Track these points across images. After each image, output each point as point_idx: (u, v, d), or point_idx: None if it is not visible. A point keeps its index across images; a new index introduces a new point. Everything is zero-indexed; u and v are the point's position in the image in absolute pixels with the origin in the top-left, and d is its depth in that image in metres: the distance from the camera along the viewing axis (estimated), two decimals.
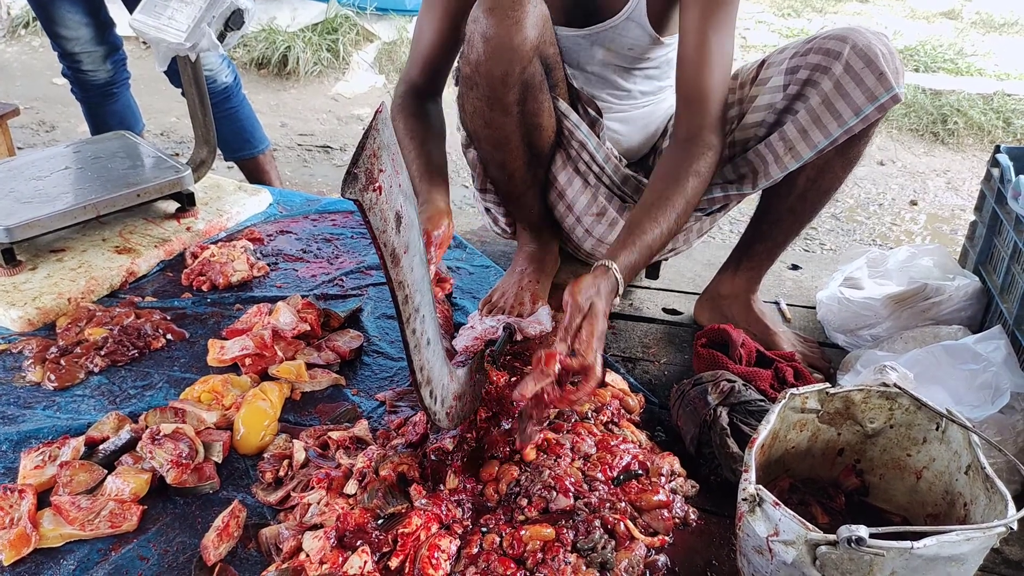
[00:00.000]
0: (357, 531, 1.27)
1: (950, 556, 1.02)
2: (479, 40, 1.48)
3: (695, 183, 1.53)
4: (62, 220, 2.09)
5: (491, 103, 1.57)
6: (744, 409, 1.48)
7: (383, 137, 1.01)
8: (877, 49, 1.48)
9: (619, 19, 1.63)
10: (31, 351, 1.79)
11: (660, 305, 2.09)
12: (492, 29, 1.46)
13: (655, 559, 1.29)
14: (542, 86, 1.62)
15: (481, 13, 1.47)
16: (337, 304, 2.01)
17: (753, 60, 1.74)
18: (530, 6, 1.48)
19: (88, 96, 2.78)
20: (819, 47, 1.54)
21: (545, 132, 1.70)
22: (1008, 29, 6.37)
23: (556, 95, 1.69)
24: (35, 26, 5.44)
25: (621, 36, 1.66)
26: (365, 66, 5.16)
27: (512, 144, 1.67)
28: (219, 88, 2.74)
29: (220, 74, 2.72)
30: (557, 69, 1.67)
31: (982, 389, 1.50)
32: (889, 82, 1.49)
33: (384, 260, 1.05)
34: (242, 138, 2.90)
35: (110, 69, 2.74)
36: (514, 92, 1.56)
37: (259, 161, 2.97)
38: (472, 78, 1.54)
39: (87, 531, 1.33)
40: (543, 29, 1.53)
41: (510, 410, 1.46)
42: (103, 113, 2.82)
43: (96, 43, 2.65)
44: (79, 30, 2.59)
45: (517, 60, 1.50)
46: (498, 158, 1.71)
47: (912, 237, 3.48)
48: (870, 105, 1.50)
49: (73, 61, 2.66)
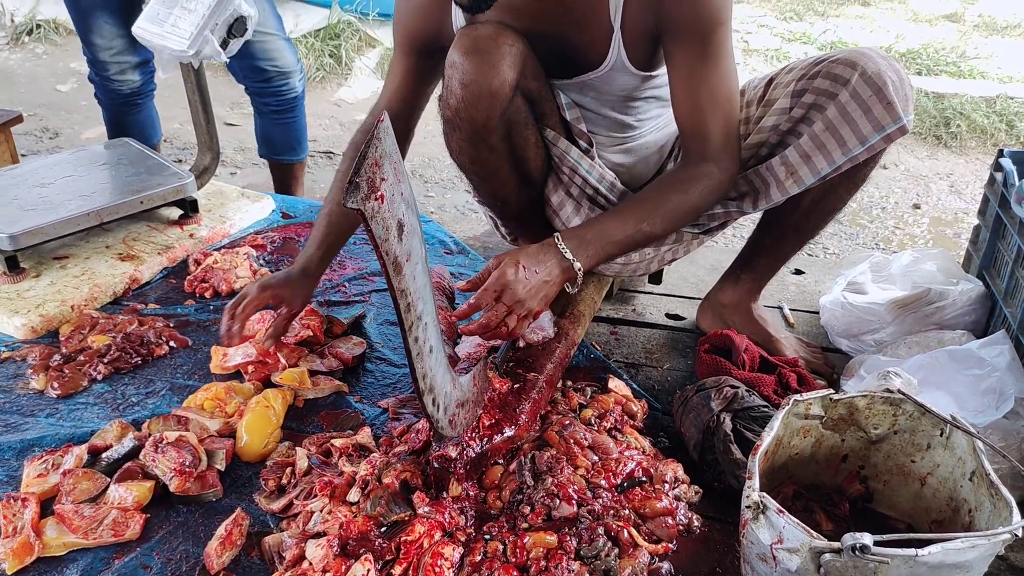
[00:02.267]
0: (360, 539, 1.27)
1: (955, 563, 1.01)
2: (458, 86, 1.47)
3: (678, 198, 1.52)
4: (65, 227, 2.09)
5: (475, 144, 1.55)
6: (747, 415, 1.47)
7: (385, 146, 1.01)
8: (887, 76, 1.45)
9: (603, 69, 1.58)
10: (34, 359, 1.79)
11: (663, 311, 2.09)
12: (470, 75, 1.45)
13: (659, 566, 1.28)
14: (527, 121, 1.60)
15: (458, 57, 1.45)
16: (340, 310, 2.01)
17: (762, 76, 1.72)
18: (506, 46, 1.45)
19: (112, 103, 2.79)
20: (827, 71, 1.51)
21: (533, 162, 1.68)
22: (1011, 32, 6.35)
23: (545, 124, 1.65)
24: (39, 33, 5.45)
25: (609, 83, 1.62)
26: (368, 72, 5.16)
27: (501, 176, 1.66)
28: (291, 95, 2.75)
29: (295, 78, 2.73)
30: (544, 101, 1.63)
31: (986, 394, 1.50)
32: (897, 112, 1.46)
33: (386, 268, 1.05)
34: (290, 145, 2.91)
35: (137, 80, 2.74)
36: (497, 133, 1.54)
37: (295, 168, 2.98)
38: (454, 121, 1.53)
39: (90, 540, 1.33)
40: (523, 66, 1.50)
41: (513, 417, 1.46)
42: (124, 122, 2.83)
43: (128, 54, 2.66)
44: (113, 40, 2.60)
45: (498, 103, 1.48)
46: (489, 188, 1.71)
47: (915, 241, 3.47)
48: (876, 135, 1.48)
49: (102, 69, 2.67)
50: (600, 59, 1.57)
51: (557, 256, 1.43)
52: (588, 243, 1.46)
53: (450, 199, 3.69)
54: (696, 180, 1.53)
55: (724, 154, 1.54)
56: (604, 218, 1.54)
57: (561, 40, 1.55)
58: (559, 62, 1.60)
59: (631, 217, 1.51)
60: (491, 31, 1.46)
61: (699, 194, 1.53)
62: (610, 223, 1.50)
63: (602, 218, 1.54)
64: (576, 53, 1.58)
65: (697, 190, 1.53)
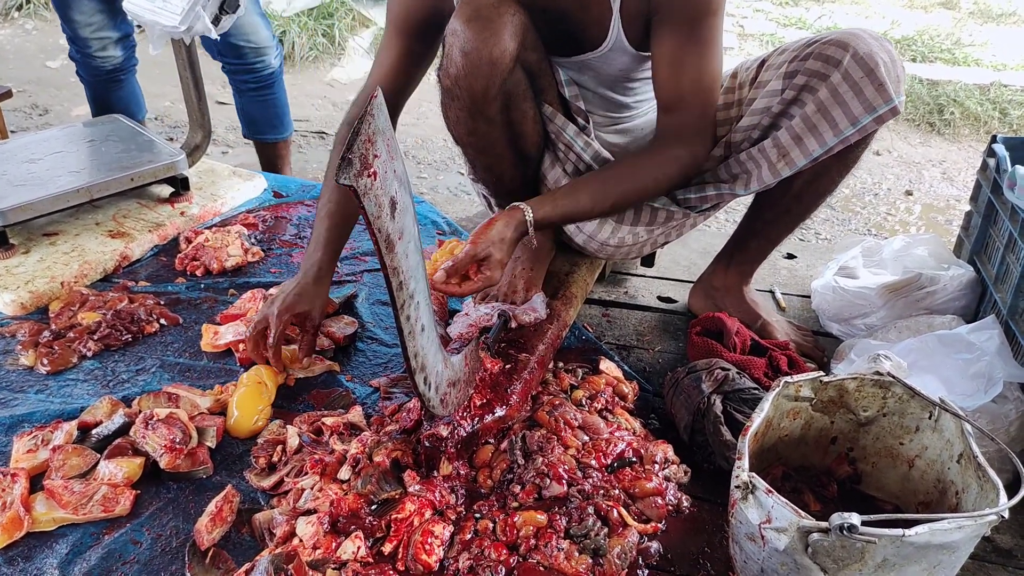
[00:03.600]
0: (351, 516, 1.27)
1: (941, 544, 1.02)
2: (458, 54, 1.45)
3: (644, 180, 1.59)
4: (55, 203, 2.08)
5: (473, 115, 1.54)
6: (738, 397, 1.48)
7: (378, 123, 1.01)
8: (879, 57, 1.45)
9: (602, 50, 1.58)
10: (24, 335, 1.78)
11: (655, 293, 2.09)
12: (471, 43, 1.43)
13: (648, 546, 1.29)
14: (526, 94, 1.59)
15: (459, 25, 1.44)
16: (332, 290, 2.00)
17: (754, 58, 1.71)
18: (508, 15, 1.44)
19: (94, 80, 2.76)
20: (819, 53, 1.50)
21: (530, 138, 1.68)
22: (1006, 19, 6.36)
23: (543, 100, 1.65)
24: (28, 8, 5.40)
25: (608, 64, 1.62)
26: (361, 51, 5.13)
27: (498, 150, 1.65)
28: (267, 71, 2.73)
29: (270, 55, 2.70)
30: (543, 75, 1.63)
31: (975, 378, 1.50)
32: (888, 94, 1.45)
33: (379, 246, 1.04)
34: (272, 123, 2.89)
35: (119, 56, 2.71)
36: (496, 103, 1.53)
37: (279, 147, 2.97)
38: (452, 91, 1.51)
39: (80, 515, 1.33)
40: (524, 37, 1.49)
41: (504, 397, 1.46)
42: (107, 98, 2.80)
43: (108, 29, 2.63)
44: (93, 16, 2.57)
45: (498, 73, 1.47)
46: (484, 162, 1.70)
47: (907, 227, 3.48)
48: (868, 116, 1.48)
49: (83, 45, 2.63)
50: (600, 39, 1.57)
51: (520, 219, 1.49)
52: (547, 218, 1.52)
53: (443, 180, 3.68)
54: (664, 164, 1.60)
55: (697, 138, 1.60)
56: (571, 194, 1.58)
57: (563, 17, 1.55)
58: (559, 40, 1.59)
59: (598, 197, 1.57)
60: (493, 0, 1.45)
61: (665, 177, 1.61)
62: (573, 198, 1.56)
63: (569, 194, 1.58)
64: (577, 32, 1.57)
65: (663, 173, 1.61)
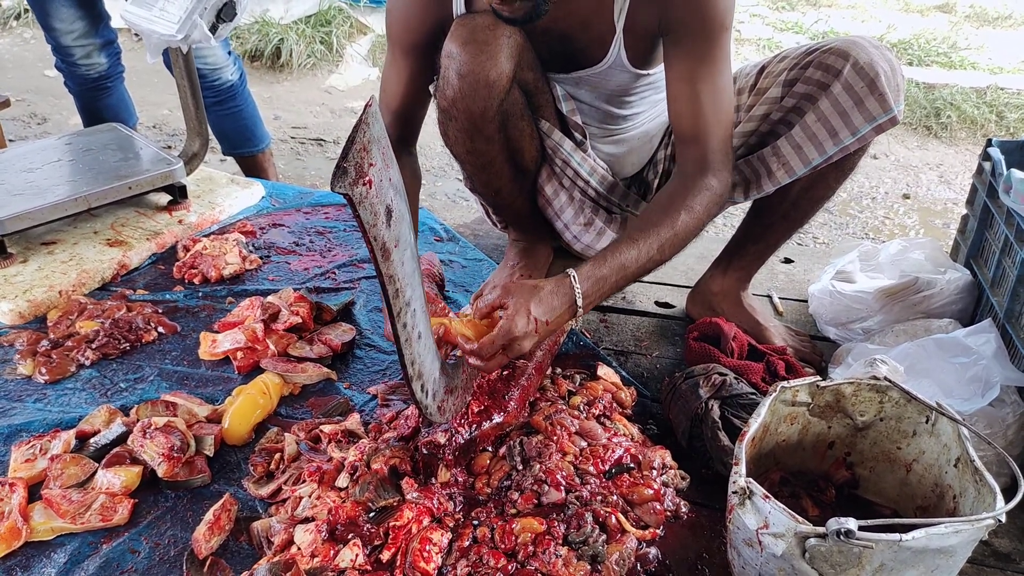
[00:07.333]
0: (349, 524, 1.27)
1: (939, 548, 1.02)
2: (455, 76, 1.45)
3: (686, 218, 1.44)
4: (53, 212, 2.08)
5: (471, 134, 1.54)
6: (735, 402, 1.48)
7: (373, 131, 1.01)
8: (879, 67, 1.45)
9: (601, 67, 1.58)
10: (22, 344, 1.78)
11: (652, 298, 2.09)
12: (467, 65, 1.43)
13: (646, 552, 1.29)
14: (523, 112, 1.59)
15: (455, 48, 1.43)
16: (329, 297, 2.01)
17: (753, 63, 1.71)
18: (504, 37, 1.44)
19: (82, 90, 2.76)
20: (819, 61, 1.51)
21: (528, 153, 1.68)
22: (1002, 23, 6.37)
23: (540, 116, 1.65)
24: (27, 17, 5.41)
25: (605, 80, 1.61)
26: (359, 59, 5.14)
27: (496, 166, 1.65)
28: (225, 85, 2.72)
29: (226, 71, 2.69)
30: (540, 92, 1.63)
31: (972, 382, 1.51)
32: (888, 104, 1.46)
33: (375, 254, 1.04)
34: (244, 136, 2.88)
35: (104, 63, 2.71)
36: (494, 123, 1.53)
37: (258, 159, 2.95)
38: (450, 111, 1.51)
39: (78, 524, 1.33)
40: (520, 58, 1.49)
41: (502, 404, 1.46)
42: (96, 107, 2.79)
43: (90, 36, 2.63)
44: (74, 23, 2.57)
45: (495, 95, 1.47)
46: (483, 178, 1.70)
47: (905, 231, 3.48)
48: (868, 126, 1.48)
49: (67, 54, 2.63)
50: (599, 57, 1.57)
51: (569, 302, 1.35)
52: (602, 280, 1.38)
53: (441, 187, 3.68)
54: (700, 196, 1.47)
55: (723, 164, 1.50)
56: (619, 250, 1.41)
57: (563, 37, 1.55)
58: (558, 57, 1.59)
59: (644, 246, 1.41)
60: (489, 21, 1.44)
61: (704, 210, 1.47)
62: (624, 255, 1.40)
63: (617, 251, 1.41)
64: (576, 50, 1.57)
65: (702, 207, 1.47)
